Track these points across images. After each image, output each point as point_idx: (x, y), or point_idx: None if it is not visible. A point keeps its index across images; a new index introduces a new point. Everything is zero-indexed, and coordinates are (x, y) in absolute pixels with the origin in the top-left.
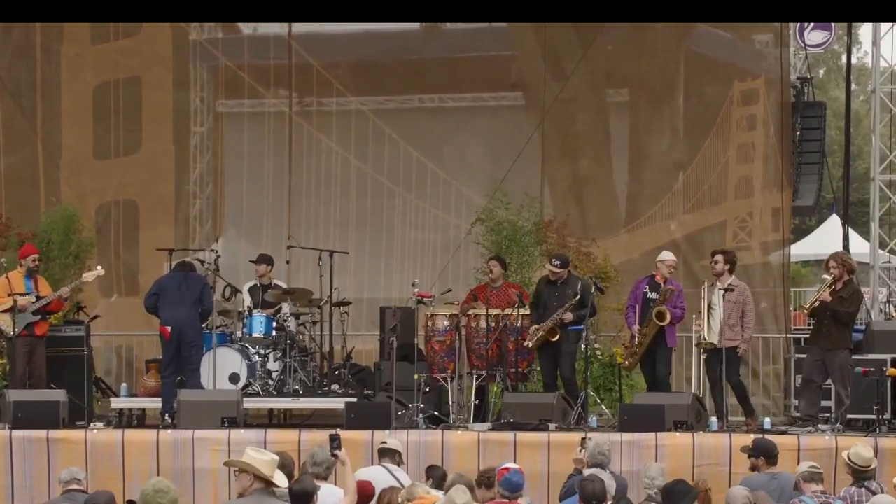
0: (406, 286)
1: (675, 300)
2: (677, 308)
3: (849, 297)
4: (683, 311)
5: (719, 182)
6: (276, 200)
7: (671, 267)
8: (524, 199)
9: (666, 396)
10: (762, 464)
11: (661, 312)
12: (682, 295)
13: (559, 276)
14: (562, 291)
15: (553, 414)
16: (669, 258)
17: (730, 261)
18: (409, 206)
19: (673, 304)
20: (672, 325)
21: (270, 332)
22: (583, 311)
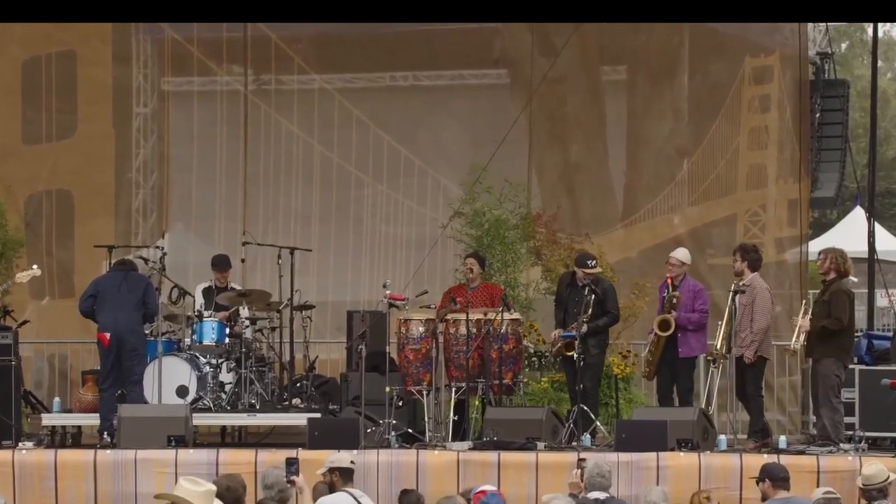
0: (376, 287)
1: (694, 304)
2: (696, 312)
3: (831, 299)
4: (704, 314)
5: (728, 171)
6: (229, 191)
7: (674, 266)
8: (509, 189)
9: (669, 412)
10: (769, 488)
11: (664, 321)
12: (703, 296)
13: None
14: (581, 294)
15: (542, 431)
16: (673, 256)
17: (748, 258)
18: (379, 198)
19: (691, 308)
20: (690, 333)
21: (223, 340)
22: (602, 320)
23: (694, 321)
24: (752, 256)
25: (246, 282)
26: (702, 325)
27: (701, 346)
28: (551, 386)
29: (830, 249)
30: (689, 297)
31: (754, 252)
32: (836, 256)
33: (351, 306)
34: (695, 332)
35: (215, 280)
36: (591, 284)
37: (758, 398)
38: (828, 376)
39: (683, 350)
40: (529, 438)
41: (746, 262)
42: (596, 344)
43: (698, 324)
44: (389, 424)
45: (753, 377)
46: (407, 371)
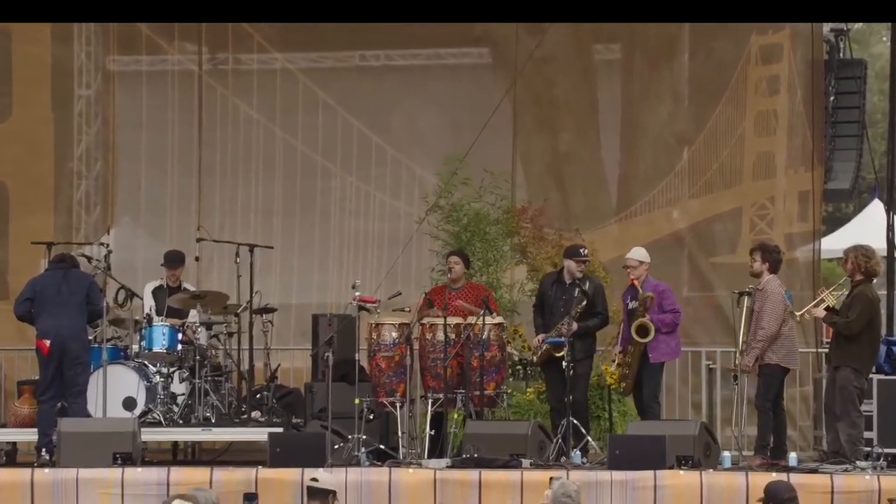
0: (345, 289)
1: (662, 304)
2: (667, 313)
3: (851, 302)
4: (676, 314)
5: (733, 160)
6: (182, 182)
7: (633, 267)
8: (491, 180)
9: (667, 426)
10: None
11: (643, 326)
12: (670, 295)
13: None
14: (570, 293)
15: (527, 447)
16: (630, 257)
17: (769, 258)
18: (348, 190)
19: (660, 308)
20: (662, 336)
21: (175, 347)
22: (592, 321)
23: (668, 322)
24: (774, 257)
25: (201, 282)
26: (675, 325)
27: (673, 350)
28: (538, 397)
29: (853, 248)
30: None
31: (777, 252)
32: (857, 255)
33: (317, 309)
34: (668, 335)
35: (166, 278)
36: (580, 283)
37: (766, 411)
38: (846, 388)
39: (654, 355)
40: (514, 455)
41: (768, 264)
42: (582, 349)
43: (672, 325)
44: (359, 440)
45: (763, 387)
46: (378, 381)
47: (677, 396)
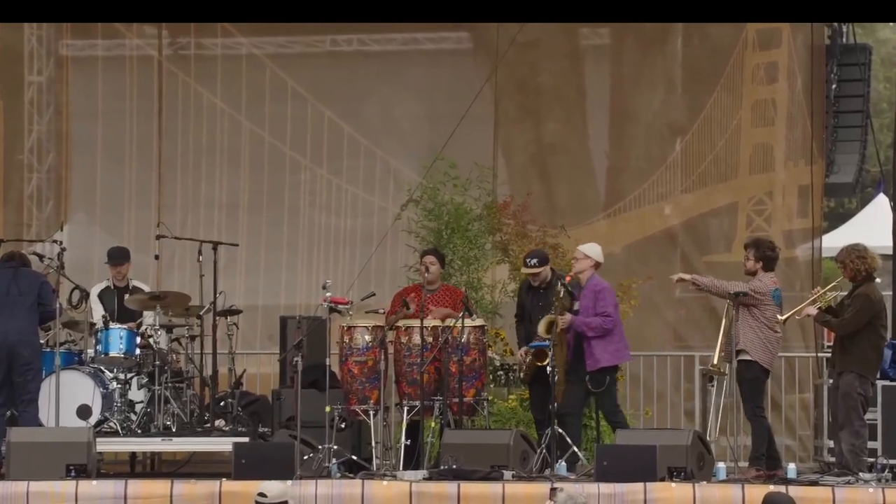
0: (315, 289)
1: (595, 306)
2: (597, 316)
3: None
4: (607, 318)
5: (729, 152)
6: (141, 175)
7: (577, 259)
8: (473, 173)
9: (658, 435)
10: None
11: (551, 323)
12: (606, 297)
13: (541, 280)
14: (546, 298)
15: (510, 458)
16: (579, 249)
17: (763, 255)
18: (319, 184)
19: (591, 311)
20: (593, 341)
21: (133, 351)
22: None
23: (594, 327)
24: (768, 254)
25: (161, 282)
26: (605, 330)
27: (611, 355)
28: (520, 405)
29: (845, 252)
30: (589, 299)
31: (770, 249)
32: (852, 259)
33: (285, 311)
34: (600, 340)
35: (112, 278)
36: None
37: (759, 418)
38: (849, 394)
39: (590, 362)
40: (495, 466)
41: (762, 262)
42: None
43: (600, 329)
44: (330, 450)
45: (750, 393)
46: (351, 387)
47: (669, 403)
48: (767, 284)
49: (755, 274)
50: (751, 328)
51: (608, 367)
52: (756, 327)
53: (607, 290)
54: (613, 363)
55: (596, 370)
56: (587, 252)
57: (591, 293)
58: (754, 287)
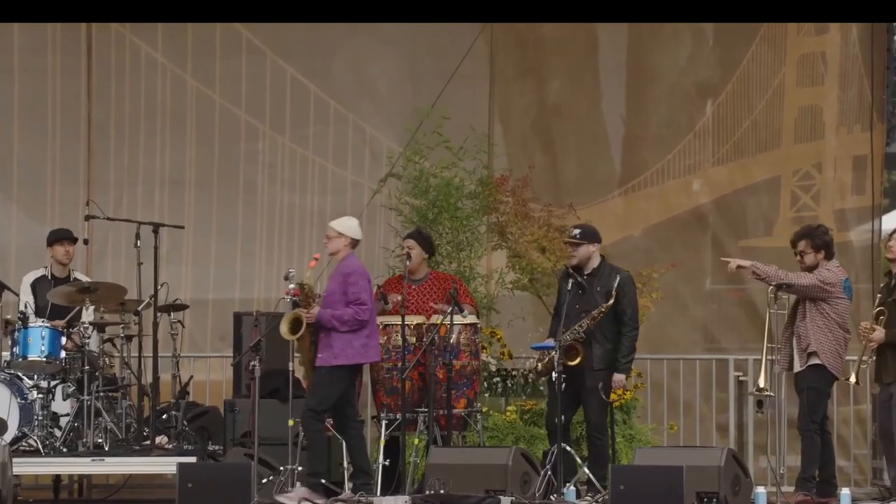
0: (276, 280)
1: (348, 292)
2: (349, 305)
3: None
4: (361, 307)
5: (769, 116)
6: (66, 145)
7: (329, 238)
8: (466, 141)
9: (686, 454)
10: None
11: (296, 319)
12: (358, 283)
13: (579, 259)
14: (588, 290)
15: (508, 481)
16: (331, 226)
17: (822, 244)
18: (280, 154)
19: (342, 299)
20: (335, 336)
21: (58, 354)
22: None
23: (346, 320)
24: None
25: (91, 272)
26: (360, 322)
27: (356, 352)
28: (521, 417)
29: None
30: (339, 284)
31: (826, 234)
32: None
33: (240, 307)
34: (351, 335)
35: (51, 265)
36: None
37: (812, 434)
38: None
39: (323, 356)
40: (490, 492)
41: (824, 252)
42: (603, 356)
43: (353, 322)
44: (294, 472)
45: (811, 403)
46: None
47: (698, 416)
48: (837, 274)
49: (817, 268)
50: (820, 329)
51: (347, 367)
52: (827, 327)
53: (360, 273)
54: (357, 362)
55: (326, 366)
56: (340, 228)
57: (340, 276)
58: (823, 278)
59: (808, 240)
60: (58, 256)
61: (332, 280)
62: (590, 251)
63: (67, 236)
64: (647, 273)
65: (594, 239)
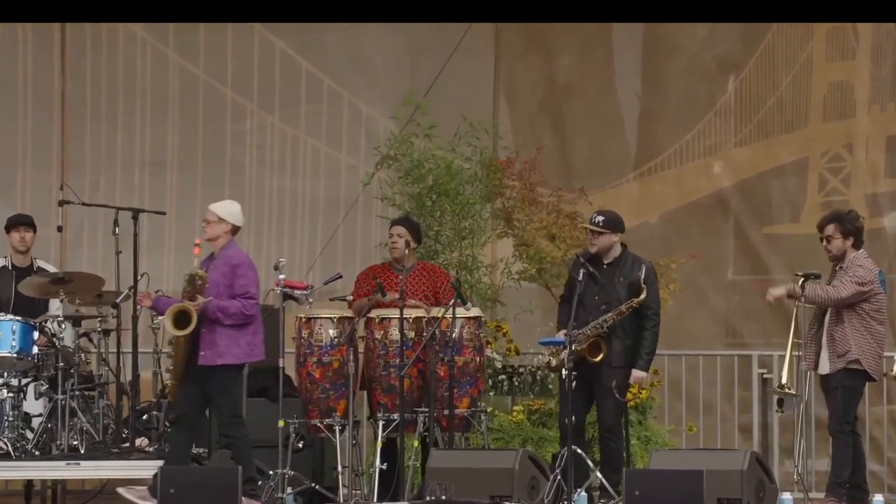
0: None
1: (235, 284)
2: (236, 298)
3: None
4: (249, 300)
5: (796, 93)
6: (38, 125)
7: (209, 223)
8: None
9: (707, 457)
10: None
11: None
12: (247, 274)
13: (600, 247)
14: (610, 281)
15: (514, 486)
16: (210, 209)
17: (852, 230)
18: (269, 135)
19: (227, 291)
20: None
21: (29, 350)
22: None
23: (233, 312)
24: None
25: (65, 261)
26: (247, 317)
27: (243, 351)
28: (528, 418)
29: None
30: (223, 275)
31: (856, 220)
32: None
33: None
34: (231, 329)
35: (10, 256)
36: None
37: (845, 436)
38: None
39: (206, 354)
40: (495, 497)
41: (853, 239)
42: (622, 353)
43: (241, 316)
44: (284, 476)
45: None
46: (311, 396)
47: (719, 417)
48: (870, 269)
49: (844, 256)
50: (859, 332)
51: (232, 366)
52: (866, 328)
53: (249, 265)
54: (243, 361)
55: (210, 365)
56: (221, 213)
57: (226, 266)
58: (860, 279)
59: (838, 224)
60: (13, 244)
61: (215, 271)
62: (612, 241)
63: (23, 222)
64: (665, 263)
65: (618, 228)
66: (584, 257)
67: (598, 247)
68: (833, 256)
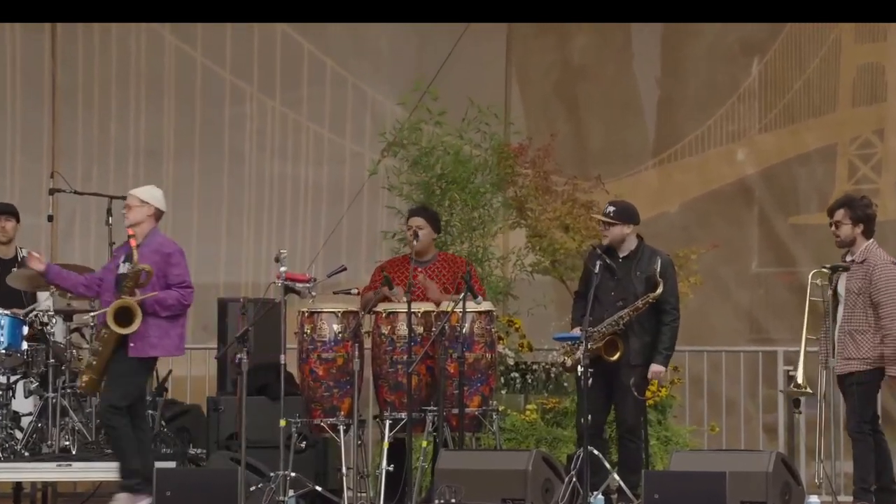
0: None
1: (169, 274)
2: (171, 288)
3: None
4: (186, 291)
5: (824, 76)
6: (28, 110)
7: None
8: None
9: (730, 459)
10: None
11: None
12: (178, 260)
13: (612, 239)
14: (626, 275)
15: (527, 488)
16: (132, 193)
17: (861, 217)
18: (270, 120)
19: (162, 281)
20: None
21: (18, 345)
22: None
23: (170, 304)
24: (868, 213)
25: (56, 252)
26: (184, 307)
27: (173, 343)
28: (542, 417)
29: None
30: (155, 264)
31: (868, 206)
32: None
33: (225, 292)
34: (165, 321)
35: None
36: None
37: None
38: None
39: (137, 346)
40: (507, 500)
41: (863, 226)
42: (640, 350)
43: (178, 307)
44: (286, 478)
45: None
46: (314, 394)
47: (742, 416)
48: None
49: (853, 243)
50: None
51: (153, 359)
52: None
53: (181, 252)
54: (173, 354)
55: (141, 357)
56: (144, 196)
57: (157, 255)
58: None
59: (848, 209)
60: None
61: (144, 260)
62: (623, 233)
63: (4, 210)
64: (685, 254)
65: (630, 219)
66: (600, 249)
67: (610, 238)
68: (841, 242)
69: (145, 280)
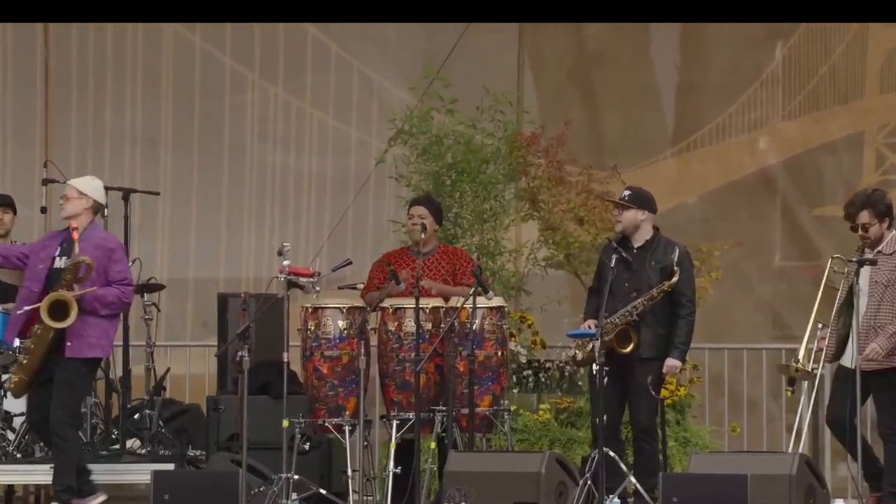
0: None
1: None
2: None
3: None
4: (126, 288)
5: (850, 61)
6: (20, 100)
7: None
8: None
9: (752, 461)
10: None
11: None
12: (119, 256)
13: (626, 226)
14: (641, 266)
15: (541, 491)
16: (71, 187)
17: (885, 212)
18: (272, 108)
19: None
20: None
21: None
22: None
23: (110, 302)
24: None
25: None
26: (125, 305)
27: (109, 343)
28: (555, 417)
29: None
30: (96, 259)
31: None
32: None
33: (226, 287)
34: (105, 320)
35: None
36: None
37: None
38: None
39: (74, 345)
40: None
41: (888, 220)
42: (652, 343)
43: (119, 305)
44: (289, 481)
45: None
46: (318, 393)
47: (765, 416)
48: None
49: (880, 239)
50: None
51: (92, 360)
52: None
53: (123, 248)
54: (108, 355)
55: (77, 357)
56: (83, 188)
57: (98, 250)
58: None
59: (871, 209)
60: None
61: (85, 254)
62: (637, 218)
63: (2, 202)
64: (707, 249)
65: (645, 205)
66: (616, 241)
67: (623, 224)
68: (872, 243)
69: (85, 274)
